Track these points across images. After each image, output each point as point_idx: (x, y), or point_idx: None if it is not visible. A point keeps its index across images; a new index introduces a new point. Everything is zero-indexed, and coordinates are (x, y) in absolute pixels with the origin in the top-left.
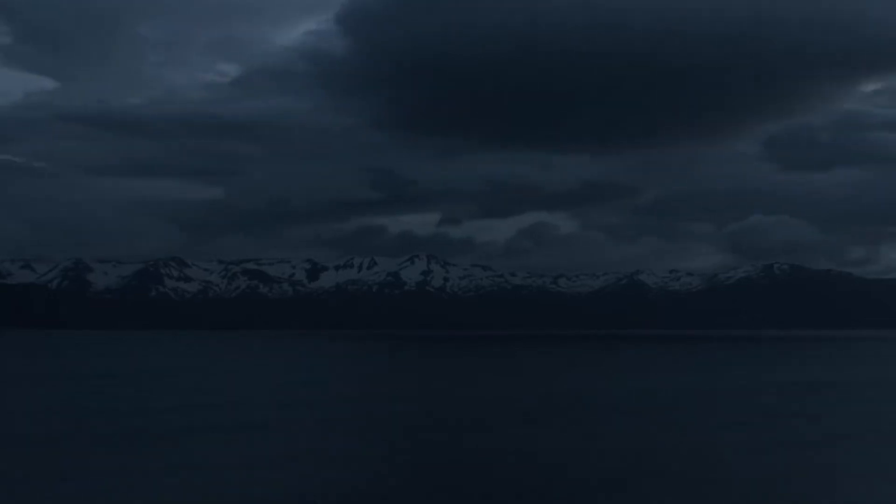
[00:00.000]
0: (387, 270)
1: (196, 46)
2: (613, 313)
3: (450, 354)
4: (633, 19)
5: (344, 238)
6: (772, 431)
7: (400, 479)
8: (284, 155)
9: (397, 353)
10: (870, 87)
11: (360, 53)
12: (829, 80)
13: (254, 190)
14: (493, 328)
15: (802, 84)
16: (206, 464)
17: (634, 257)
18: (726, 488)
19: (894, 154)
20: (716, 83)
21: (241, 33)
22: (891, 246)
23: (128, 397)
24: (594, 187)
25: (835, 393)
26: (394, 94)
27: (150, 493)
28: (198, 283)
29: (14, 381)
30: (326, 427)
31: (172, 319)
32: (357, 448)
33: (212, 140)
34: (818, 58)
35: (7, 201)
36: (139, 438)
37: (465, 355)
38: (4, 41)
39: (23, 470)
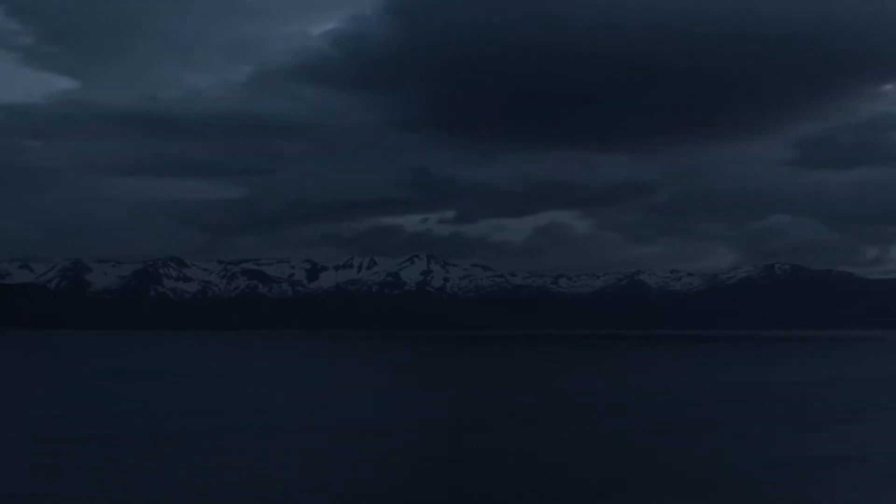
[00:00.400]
0: (387, 270)
1: (219, 44)
2: (614, 313)
3: (449, 354)
4: (661, 19)
5: (356, 238)
6: (772, 431)
7: (399, 478)
8: (312, 154)
9: (396, 353)
10: None
11: (393, 49)
12: (858, 82)
13: (273, 189)
14: (493, 328)
15: (830, 85)
16: (205, 465)
17: (650, 257)
18: (727, 488)
19: None
20: (740, 84)
21: (264, 31)
22: None
23: (130, 398)
24: (614, 187)
25: (835, 392)
26: (427, 91)
27: (149, 493)
28: (197, 284)
29: (13, 382)
30: (326, 428)
31: (171, 320)
32: (356, 448)
33: (235, 139)
34: (847, 59)
35: (23, 201)
36: (140, 440)
37: (465, 355)
38: (26, 41)
39: (25, 470)
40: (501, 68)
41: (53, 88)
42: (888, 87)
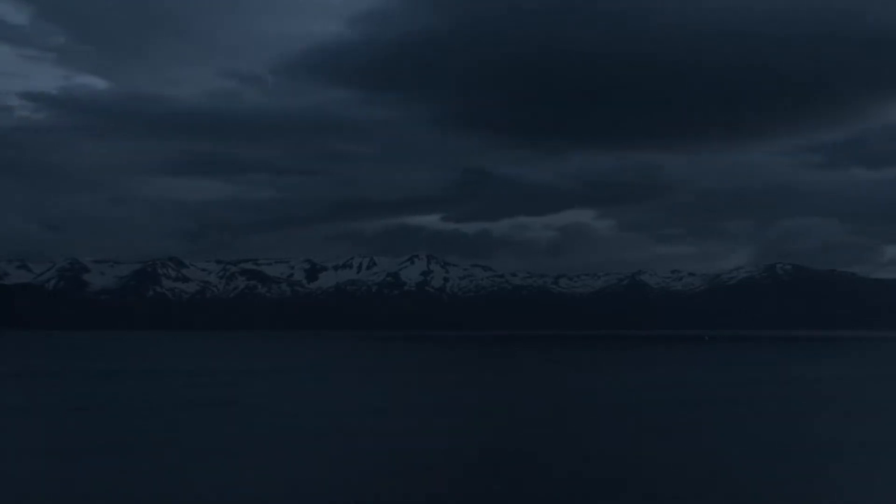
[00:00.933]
0: (386, 271)
1: (249, 42)
2: (614, 314)
3: (449, 355)
4: (691, 21)
5: (376, 237)
6: (771, 430)
7: (399, 479)
8: (342, 152)
9: (395, 354)
10: None
11: (434, 45)
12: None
13: (298, 189)
14: (494, 329)
15: (863, 87)
16: (207, 466)
17: (673, 256)
18: (727, 488)
19: None
20: (771, 84)
21: (296, 27)
22: None
23: (135, 399)
24: (635, 186)
25: (836, 392)
26: (460, 90)
27: (154, 494)
28: (196, 284)
29: (13, 382)
30: (326, 430)
31: (170, 320)
32: (355, 449)
33: (265, 140)
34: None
35: (31, 201)
36: (146, 441)
37: (465, 356)
38: (58, 41)
39: (30, 472)
40: (525, 62)
41: (81, 87)
42: None
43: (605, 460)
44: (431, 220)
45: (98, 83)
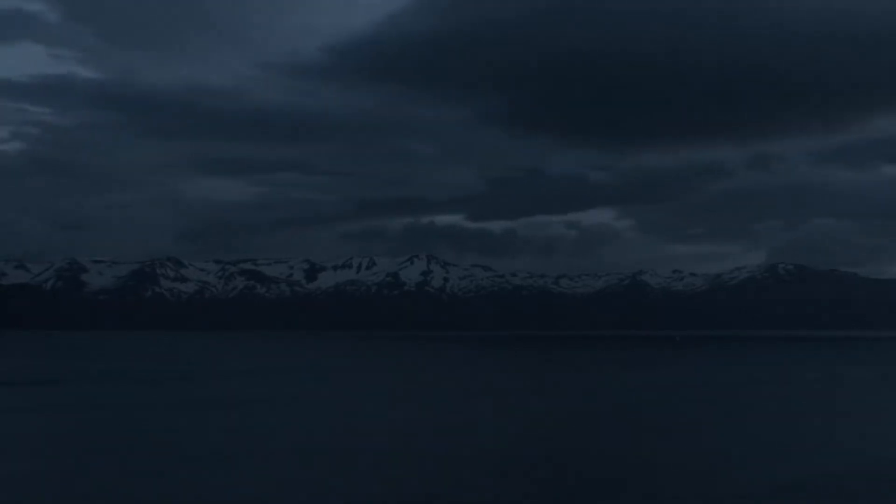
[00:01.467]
0: (386, 271)
1: (273, 37)
2: (615, 314)
3: (449, 356)
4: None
5: (397, 235)
6: (773, 432)
7: (399, 479)
8: (365, 150)
9: (395, 354)
10: None
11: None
12: None
13: (320, 188)
14: (494, 329)
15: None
16: (207, 466)
17: (690, 256)
18: (727, 488)
19: None
20: (771, 83)
21: (324, 21)
22: None
23: (135, 398)
24: (654, 184)
25: (836, 392)
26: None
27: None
28: (194, 284)
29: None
30: (326, 430)
31: (168, 320)
32: (356, 449)
33: (290, 138)
34: None
35: (36, 201)
36: (142, 441)
37: (465, 356)
38: (88, 42)
39: (30, 471)
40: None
41: (102, 86)
42: None
43: (605, 460)
44: (456, 220)
45: (121, 81)
